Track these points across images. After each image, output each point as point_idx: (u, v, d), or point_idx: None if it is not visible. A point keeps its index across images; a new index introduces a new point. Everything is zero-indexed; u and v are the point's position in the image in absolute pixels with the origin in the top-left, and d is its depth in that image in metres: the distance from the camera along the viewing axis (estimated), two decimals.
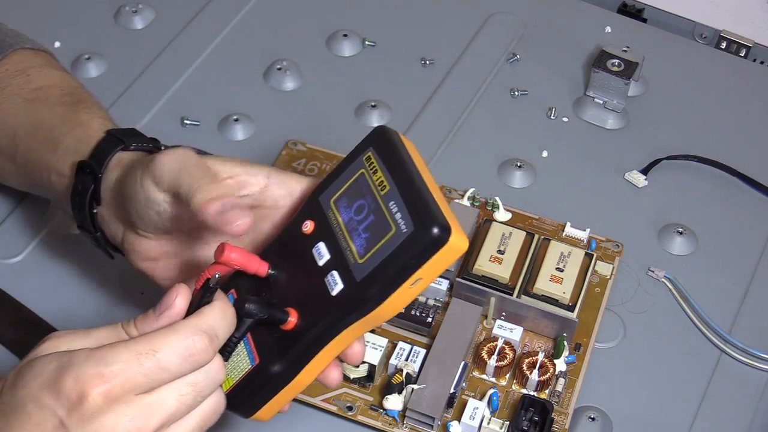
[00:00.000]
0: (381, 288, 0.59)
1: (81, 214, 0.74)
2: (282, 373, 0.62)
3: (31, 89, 0.80)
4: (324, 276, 0.61)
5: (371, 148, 0.63)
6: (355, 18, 1.04)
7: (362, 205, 0.62)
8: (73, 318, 0.82)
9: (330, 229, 0.62)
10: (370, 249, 0.60)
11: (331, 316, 0.61)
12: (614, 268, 0.85)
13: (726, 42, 1.06)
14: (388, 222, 0.60)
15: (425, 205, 0.59)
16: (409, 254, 0.59)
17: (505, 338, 0.80)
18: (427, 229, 0.58)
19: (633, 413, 0.80)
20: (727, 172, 0.94)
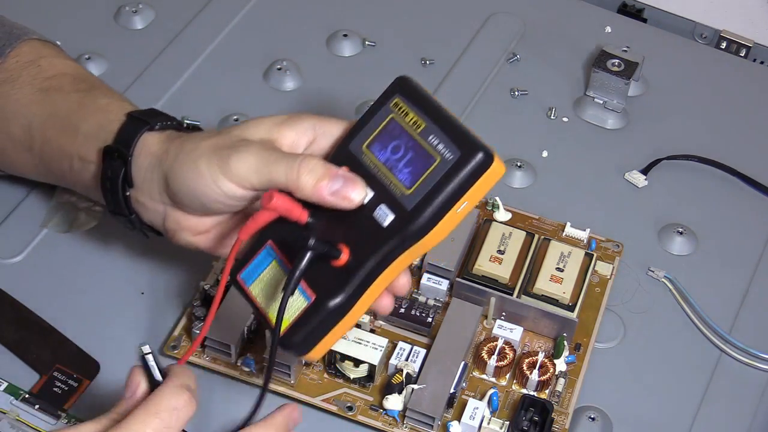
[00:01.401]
0: (433, 212, 0.64)
1: (114, 198, 0.74)
2: (338, 307, 0.65)
3: (43, 78, 0.79)
4: (372, 211, 0.65)
5: (398, 95, 0.68)
6: (355, 18, 1.04)
7: (398, 145, 0.66)
8: (73, 318, 0.82)
9: (367, 171, 0.67)
10: (416, 180, 0.65)
11: (386, 245, 0.65)
12: (614, 268, 0.85)
13: (726, 42, 1.06)
14: (430, 154, 0.65)
15: (466, 134, 0.65)
16: (458, 178, 0.64)
17: (505, 338, 0.80)
18: (473, 153, 0.64)
19: (633, 413, 0.80)
20: (727, 172, 0.94)
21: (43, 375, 0.79)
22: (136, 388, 0.64)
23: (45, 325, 0.81)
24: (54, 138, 0.77)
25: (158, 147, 0.73)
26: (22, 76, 0.80)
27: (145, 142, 0.73)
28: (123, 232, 0.87)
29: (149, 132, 0.74)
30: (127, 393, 0.64)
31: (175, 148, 0.72)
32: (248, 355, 0.79)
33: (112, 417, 0.62)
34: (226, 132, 0.72)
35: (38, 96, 0.78)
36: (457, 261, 0.83)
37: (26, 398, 0.77)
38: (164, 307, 0.83)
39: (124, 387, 0.64)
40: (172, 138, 0.73)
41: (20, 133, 0.79)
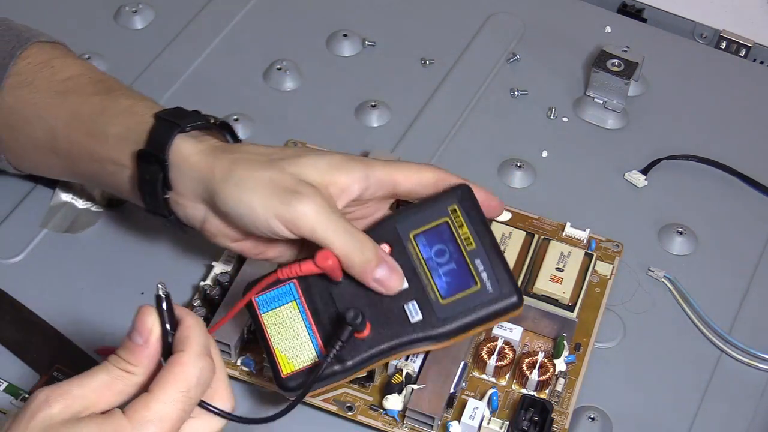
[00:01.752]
0: (458, 329, 0.71)
1: (153, 200, 0.75)
2: (344, 371, 0.71)
3: (59, 81, 0.79)
4: (403, 302, 0.71)
5: (457, 202, 0.73)
6: (355, 18, 1.04)
7: (444, 250, 0.72)
8: (73, 318, 0.82)
9: (409, 260, 0.72)
10: (453, 294, 0.71)
11: (406, 339, 0.71)
12: (614, 268, 0.85)
13: (726, 42, 1.06)
14: (473, 277, 0.71)
15: (508, 274, 0.71)
16: (490, 310, 0.71)
17: (505, 338, 0.80)
18: (511, 296, 0.71)
19: (633, 413, 0.80)
20: (727, 172, 0.94)
21: (43, 375, 0.79)
22: (148, 335, 0.61)
23: (45, 325, 0.81)
24: (81, 142, 0.77)
25: (200, 159, 0.73)
26: (37, 79, 0.79)
27: (182, 148, 0.73)
28: (123, 232, 0.87)
29: (182, 135, 0.74)
30: (137, 338, 0.61)
31: (223, 168, 0.72)
32: (248, 354, 0.79)
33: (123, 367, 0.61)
34: (280, 163, 0.72)
35: (57, 99, 0.78)
36: None
37: (26, 398, 0.77)
38: None
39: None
40: (216, 152, 0.73)
41: (43, 136, 0.79)
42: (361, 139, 0.95)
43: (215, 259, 0.83)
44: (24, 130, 0.80)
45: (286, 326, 0.72)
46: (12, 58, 0.80)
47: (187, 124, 0.74)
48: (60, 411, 0.59)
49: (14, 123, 0.80)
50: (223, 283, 0.81)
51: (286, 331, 0.72)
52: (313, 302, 0.72)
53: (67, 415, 0.59)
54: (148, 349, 0.61)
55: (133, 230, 0.88)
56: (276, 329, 0.72)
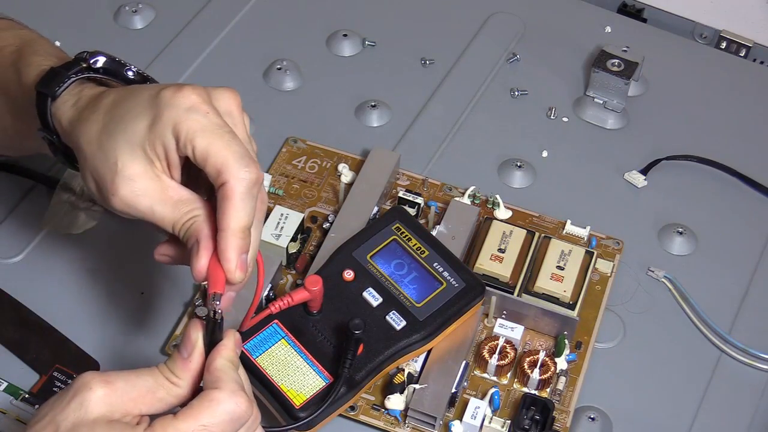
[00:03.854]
0: (441, 324, 0.77)
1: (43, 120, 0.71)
2: (352, 388, 0.75)
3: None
4: (383, 314, 0.77)
5: (398, 221, 0.81)
6: (355, 18, 1.04)
7: (401, 263, 0.79)
8: (73, 318, 0.82)
9: (375, 279, 0.79)
10: (425, 297, 0.78)
11: (398, 345, 0.76)
12: (615, 266, 0.85)
13: (726, 42, 1.06)
14: (437, 278, 0.79)
15: (465, 269, 0.80)
16: (462, 302, 0.78)
17: (506, 337, 0.80)
18: (475, 286, 0.79)
19: (633, 413, 0.80)
20: (727, 172, 0.94)
21: (43, 375, 0.79)
22: (191, 350, 0.63)
23: (45, 325, 0.81)
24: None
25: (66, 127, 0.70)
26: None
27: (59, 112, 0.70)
28: (123, 232, 0.87)
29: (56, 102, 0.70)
30: (184, 351, 0.63)
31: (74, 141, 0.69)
32: None
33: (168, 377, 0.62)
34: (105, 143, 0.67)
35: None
36: None
37: (26, 398, 0.77)
38: (164, 307, 0.83)
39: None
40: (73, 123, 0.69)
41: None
42: (361, 139, 0.95)
43: None
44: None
45: (284, 362, 0.75)
46: None
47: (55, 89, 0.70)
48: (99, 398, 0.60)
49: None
50: None
51: (286, 366, 0.75)
52: (301, 335, 0.76)
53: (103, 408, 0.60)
54: (191, 364, 0.63)
55: (133, 230, 0.87)
56: (275, 368, 0.75)
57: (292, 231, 0.83)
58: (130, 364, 0.79)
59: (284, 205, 0.86)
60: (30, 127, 0.73)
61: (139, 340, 0.81)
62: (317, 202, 0.88)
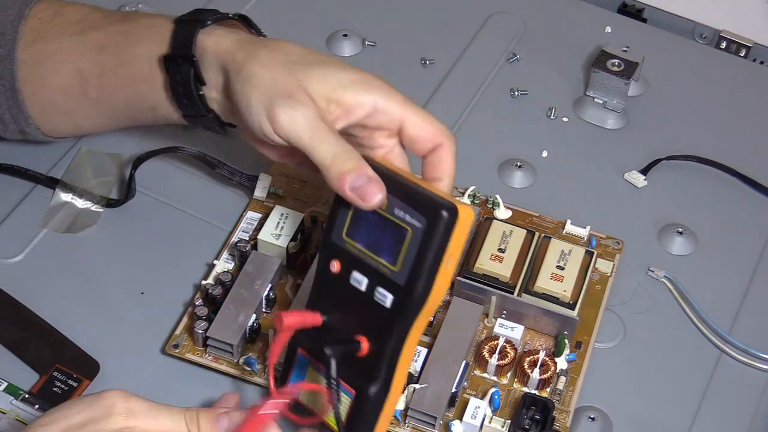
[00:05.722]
0: (425, 280, 0.67)
1: (190, 101, 0.75)
2: (380, 392, 0.69)
3: (73, 24, 0.79)
4: (372, 296, 0.68)
5: None
6: (355, 18, 1.04)
7: (370, 227, 0.69)
8: (73, 318, 0.82)
9: (356, 258, 0.69)
10: (398, 255, 0.67)
11: (396, 324, 0.68)
12: (615, 266, 0.85)
13: (726, 42, 1.06)
14: (402, 227, 0.67)
15: (425, 198, 0.67)
16: (433, 242, 0.66)
17: (506, 337, 0.80)
18: (438, 216, 0.66)
19: (633, 413, 0.80)
20: (727, 172, 0.94)
21: (43, 375, 0.79)
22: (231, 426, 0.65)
23: (45, 325, 0.81)
24: (110, 72, 0.77)
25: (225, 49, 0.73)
26: (50, 30, 0.79)
27: (207, 42, 0.73)
28: (123, 232, 0.87)
29: (204, 30, 0.74)
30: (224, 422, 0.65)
31: (240, 61, 0.71)
32: (250, 354, 0.79)
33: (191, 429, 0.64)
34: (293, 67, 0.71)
35: (77, 40, 0.78)
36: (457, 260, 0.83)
37: (26, 398, 0.77)
38: (164, 307, 0.83)
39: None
40: (241, 44, 0.73)
41: (71, 81, 0.79)
42: None
43: (216, 258, 0.83)
44: (50, 82, 0.79)
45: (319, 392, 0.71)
46: (21, 18, 0.80)
47: (208, 18, 0.74)
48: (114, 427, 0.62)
49: (37, 79, 0.80)
50: (225, 282, 0.81)
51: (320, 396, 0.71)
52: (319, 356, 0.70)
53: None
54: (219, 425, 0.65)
55: (133, 230, 0.88)
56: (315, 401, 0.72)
57: (292, 231, 0.83)
58: (130, 365, 0.79)
59: (284, 205, 0.86)
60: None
61: (139, 341, 0.81)
62: (317, 202, 0.88)
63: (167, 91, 0.75)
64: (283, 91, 0.69)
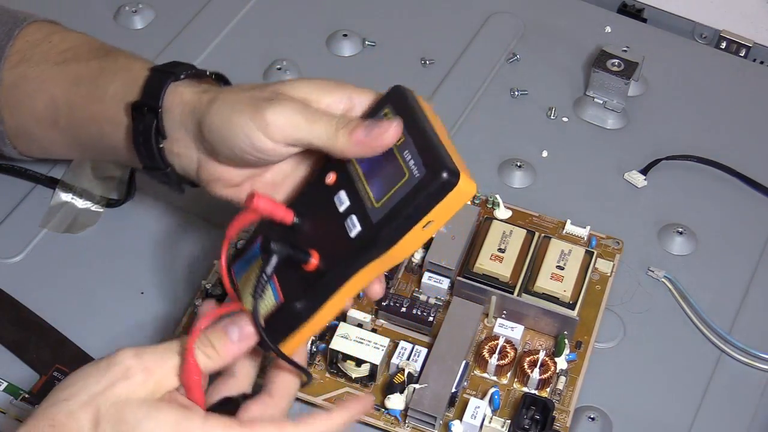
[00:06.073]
0: (395, 229, 0.64)
1: (148, 152, 0.74)
2: (303, 310, 0.65)
3: (58, 53, 0.79)
4: (344, 220, 0.65)
5: (389, 105, 0.68)
6: (355, 18, 1.04)
7: (379, 157, 0.66)
8: (73, 318, 0.82)
9: (350, 179, 0.67)
10: (385, 194, 0.64)
11: (349, 256, 0.65)
12: (615, 266, 0.85)
13: (726, 42, 1.06)
14: (402, 169, 0.64)
15: (436, 152, 0.64)
16: (420, 197, 0.63)
17: (506, 337, 0.80)
18: (437, 173, 0.63)
19: (633, 413, 0.80)
20: (727, 172, 0.94)
21: (43, 375, 0.79)
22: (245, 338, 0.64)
23: (45, 325, 0.81)
24: (80, 106, 0.77)
25: (192, 96, 0.73)
26: (35, 54, 0.79)
27: (177, 92, 0.73)
28: (123, 232, 0.87)
29: (176, 82, 0.74)
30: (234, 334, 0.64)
31: (210, 96, 0.72)
32: None
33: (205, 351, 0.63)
34: (265, 86, 0.71)
35: (56, 69, 0.78)
36: (457, 260, 0.83)
37: (26, 398, 0.77)
38: (164, 307, 0.83)
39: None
40: (208, 89, 0.73)
41: (44, 109, 0.78)
42: None
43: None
44: (25, 105, 0.79)
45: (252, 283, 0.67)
46: (9, 38, 0.80)
47: (181, 72, 0.74)
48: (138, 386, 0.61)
49: (15, 101, 0.80)
50: None
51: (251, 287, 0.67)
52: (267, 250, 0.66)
53: (144, 393, 0.61)
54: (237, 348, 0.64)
55: (133, 230, 0.88)
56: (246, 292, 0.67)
57: None
58: None
59: None
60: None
61: (140, 340, 0.81)
62: None
63: (129, 138, 0.75)
64: (262, 98, 0.69)
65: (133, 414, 0.60)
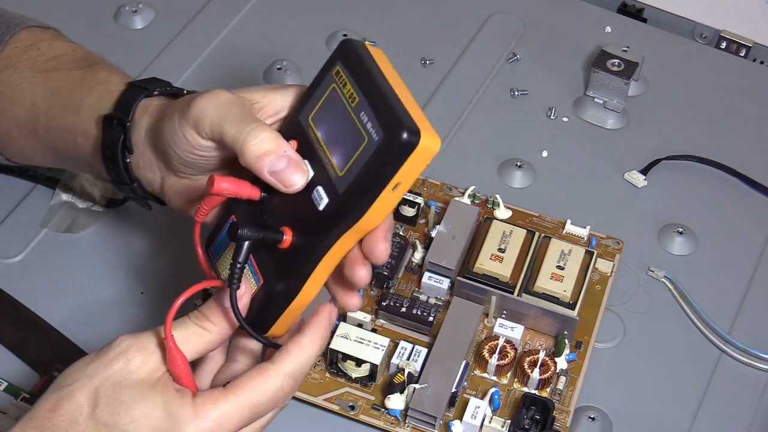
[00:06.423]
0: (363, 197, 0.61)
1: (114, 166, 0.74)
2: (286, 290, 0.64)
3: (43, 61, 0.79)
4: (311, 192, 0.63)
5: (339, 62, 0.63)
6: (355, 18, 1.04)
7: (336, 120, 0.62)
8: (73, 318, 0.82)
9: (312, 146, 0.64)
10: (347, 161, 0.61)
11: (322, 230, 0.62)
12: (615, 266, 0.85)
13: (726, 42, 1.06)
14: (360, 133, 0.61)
15: (392, 112, 0.60)
16: (383, 161, 0.60)
17: (506, 337, 0.80)
18: (396, 135, 0.59)
19: (633, 413, 0.80)
20: (727, 172, 0.94)
21: (43, 375, 0.79)
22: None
23: (45, 325, 0.81)
24: (57, 115, 0.77)
25: (154, 110, 0.73)
26: (22, 61, 0.79)
27: (144, 107, 0.73)
28: (123, 232, 0.87)
29: (148, 98, 0.73)
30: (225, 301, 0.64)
31: (167, 104, 0.71)
32: None
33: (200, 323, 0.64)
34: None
35: (40, 77, 0.78)
36: (457, 260, 0.83)
37: (26, 398, 0.77)
38: (164, 307, 0.82)
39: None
40: (171, 102, 0.72)
41: (24, 115, 0.78)
42: None
43: None
44: (7, 111, 0.79)
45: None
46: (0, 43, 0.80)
47: (155, 88, 0.74)
48: (136, 367, 0.62)
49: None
50: None
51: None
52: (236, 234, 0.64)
53: (142, 374, 0.62)
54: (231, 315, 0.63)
55: (133, 230, 0.88)
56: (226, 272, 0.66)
57: None
58: None
59: None
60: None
61: None
62: None
63: (98, 150, 0.75)
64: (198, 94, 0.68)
65: (130, 394, 0.61)
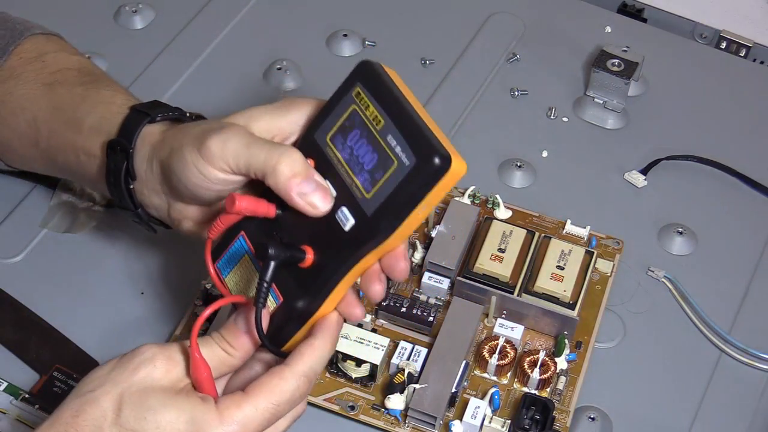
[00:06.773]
0: (392, 219, 0.63)
1: (118, 192, 0.74)
2: (306, 307, 0.65)
3: (48, 74, 0.79)
4: (334, 212, 0.64)
5: (359, 84, 0.65)
6: (355, 18, 1.04)
7: (358, 142, 0.64)
8: (73, 318, 0.82)
9: (331, 166, 0.65)
10: (375, 183, 0.63)
11: (348, 250, 0.64)
12: (615, 266, 0.85)
13: (726, 42, 1.06)
14: (389, 156, 0.62)
15: (423, 137, 0.62)
16: (414, 185, 0.62)
17: (506, 337, 0.80)
18: (429, 160, 0.61)
19: (633, 413, 0.80)
20: (727, 172, 0.94)
21: (43, 375, 0.79)
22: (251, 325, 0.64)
23: (45, 325, 0.81)
24: (59, 131, 0.77)
25: (156, 138, 0.73)
26: (26, 72, 0.80)
27: (146, 133, 0.73)
28: (123, 232, 0.87)
29: (150, 124, 0.74)
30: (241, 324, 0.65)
31: (170, 137, 0.72)
32: None
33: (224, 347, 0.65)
34: (215, 119, 0.71)
35: (43, 90, 0.78)
36: (457, 260, 0.83)
37: (26, 398, 0.77)
38: (164, 307, 0.83)
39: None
40: (170, 128, 0.73)
41: (26, 127, 0.79)
42: None
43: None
44: (8, 122, 0.79)
45: (245, 282, 0.68)
46: (4, 54, 0.80)
47: (158, 114, 0.74)
48: (161, 375, 0.63)
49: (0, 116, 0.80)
50: None
51: (246, 287, 0.68)
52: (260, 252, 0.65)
53: (167, 382, 0.63)
54: (249, 337, 0.65)
55: (133, 230, 0.87)
56: (238, 290, 0.68)
57: None
58: None
59: None
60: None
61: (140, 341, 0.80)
62: None
63: (102, 175, 0.75)
64: (209, 129, 0.68)
65: (156, 400, 0.62)
